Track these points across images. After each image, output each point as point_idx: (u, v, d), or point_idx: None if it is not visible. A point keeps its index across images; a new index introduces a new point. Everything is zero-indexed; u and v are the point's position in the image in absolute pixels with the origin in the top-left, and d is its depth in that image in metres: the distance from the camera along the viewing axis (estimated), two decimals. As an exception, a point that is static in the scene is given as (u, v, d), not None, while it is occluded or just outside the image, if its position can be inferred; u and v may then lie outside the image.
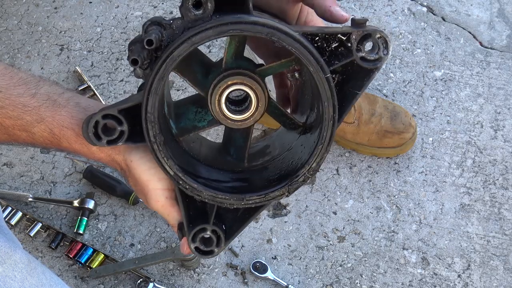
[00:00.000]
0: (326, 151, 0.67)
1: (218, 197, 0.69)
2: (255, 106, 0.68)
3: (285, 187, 0.69)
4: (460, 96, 1.60)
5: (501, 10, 1.77)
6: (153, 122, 0.67)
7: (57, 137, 0.73)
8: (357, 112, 1.43)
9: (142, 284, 1.33)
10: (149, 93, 0.66)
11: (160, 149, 0.68)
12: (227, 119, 0.69)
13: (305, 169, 0.68)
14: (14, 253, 0.80)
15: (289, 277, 1.35)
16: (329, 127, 0.66)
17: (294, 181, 0.69)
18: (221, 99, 0.68)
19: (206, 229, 0.71)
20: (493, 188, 1.46)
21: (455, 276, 1.36)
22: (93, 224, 1.41)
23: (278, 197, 0.70)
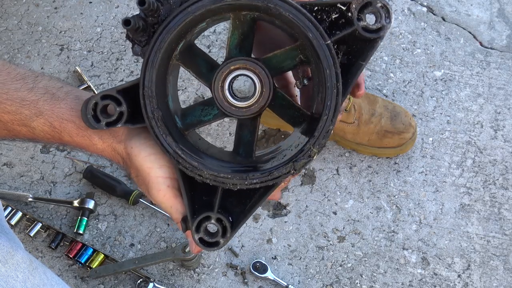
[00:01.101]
0: (331, 123, 0.64)
1: (220, 176, 0.66)
2: (259, 92, 0.67)
3: (290, 164, 0.66)
4: (460, 96, 1.60)
5: (501, 10, 1.77)
6: (150, 97, 0.65)
7: (58, 130, 0.72)
8: (357, 112, 1.43)
9: (142, 284, 1.33)
10: (146, 66, 0.65)
11: (159, 125, 0.66)
12: (231, 106, 0.68)
13: (310, 143, 0.65)
14: (16, 253, 0.80)
15: (289, 277, 1.35)
16: (333, 96, 0.64)
17: (299, 157, 0.66)
18: (224, 85, 0.67)
19: (211, 218, 0.67)
20: (493, 188, 1.46)
21: (455, 276, 1.36)
22: (93, 224, 1.41)
23: (284, 176, 0.66)
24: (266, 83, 0.67)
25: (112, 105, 0.67)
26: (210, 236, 0.68)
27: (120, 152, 0.72)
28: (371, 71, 1.64)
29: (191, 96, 1.58)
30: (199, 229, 0.67)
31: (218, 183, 0.67)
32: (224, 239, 0.67)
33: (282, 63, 0.70)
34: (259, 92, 0.67)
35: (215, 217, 0.67)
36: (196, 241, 0.68)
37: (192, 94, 1.58)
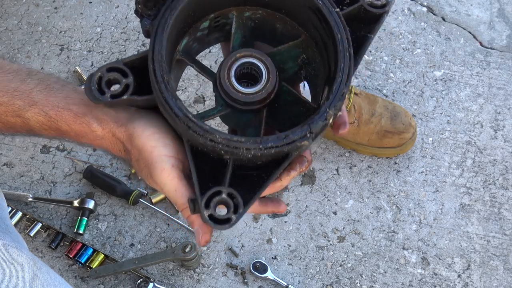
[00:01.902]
0: (345, 86, 0.63)
1: (233, 140, 0.61)
2: (266, 78, 0.66)
3: (306, 126, 0.62)
4: (460, 96, 1.60)
5: (501, 10, 1.77)
6: (160, 61, 0.64)
7: (54, 120, 0.69)
8: (357, 112, 1.43)
9: (142, 284, 1.33)
10: (157, 30, 0.64)
11: (168, 89, 0.63)
12: (238, 93, 0.66)
13: (326, 105, 0.63)
14: (21, 253, 0.80)
15: (289, 277, 1.35)
16: (346, 60, 0.64)
17: (315, 119, 0.62)
18: (231, 72, 0.66)
19: (221, 192, 0.62)
20: (493, 188, 1.46)
21: (455, 276, 1.36)
22: (93, 224, 1.41)
23: (300, 140, 0.62)
24: (272, 71, 0.66)
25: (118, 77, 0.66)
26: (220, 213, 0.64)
27: (120, 136, 0.69)
28: (371, 71, 1.64)
29: (191, 96, 1.58)
30: (209, 205, 0.63)
31: (231, 149, 0.62)
32: (236, 216, 0.63)
33: (285, 63, 0.70)
34: (266, 78, 0.66)
35: (227, 191, 0.63)
36: (205, 218, 0.63)
37: (192, 94, 1.57)
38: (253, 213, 1.39)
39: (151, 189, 1.45)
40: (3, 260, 0.78)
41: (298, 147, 0.62)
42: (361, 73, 1.64)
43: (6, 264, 0.78)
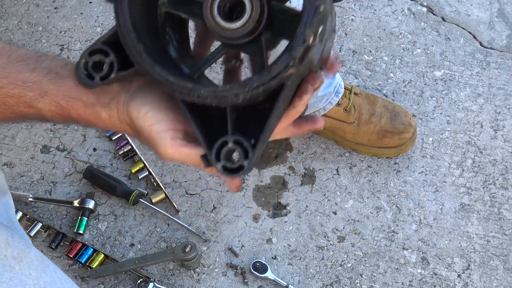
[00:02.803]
0: (319, 1, 0.58)
1: (219, 90, 0.60)
2: (249, 7, 0.61)
3: (286, 54, 0.59)
4: (460, 96, 1.60)
5: (501, 10, 1.77)
6: (128, 33, 0.63)
7: (66, 109, 0.70)
8: (357, 112, 1.43)
9: (142, 284, 1.33)
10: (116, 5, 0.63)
11: (143, 57, 0.63)
12: (226, 31, 0.62)
13: (300, 27, 0.58)
14: (29, 250, 0.80)
15: (289, 277, 1.35)
16: None
17: (293, 44, 0.59)
18: (213, 10, 0.62)
19: (227, 142, 0.62)
20: (493, 188, 1.46)
21: (455, 276, 1.36)
22: (93, 224, 1.41)
23: (285, 70, 0.59)
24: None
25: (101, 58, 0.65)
26: (233, 162, 0.62)
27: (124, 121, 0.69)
28: (371, 71, 1.64)
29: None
30: (219, 157, 0.62)
31: (220, 100, 0.61)
32: (248, 161, 0.61)
33: None
34: (250, 7, 0.61)
35: (232, 139, 0.62)
36: (220, 170, 0.62)
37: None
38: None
39: (151, 189, 1.45)
40: (12, 257, 0.78)
41: (287, 76, 0.60)
42: (361, 73, 1.64)
43: (16, 262, 0.78)
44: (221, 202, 1.44)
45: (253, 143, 0.62)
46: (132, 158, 1.49)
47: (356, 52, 1.68)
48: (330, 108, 1.40)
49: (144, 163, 1.46)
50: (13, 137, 1.53)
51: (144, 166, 1.46)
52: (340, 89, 1.40)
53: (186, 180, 1.47)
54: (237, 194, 1.45)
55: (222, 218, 1.42)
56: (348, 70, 1.64)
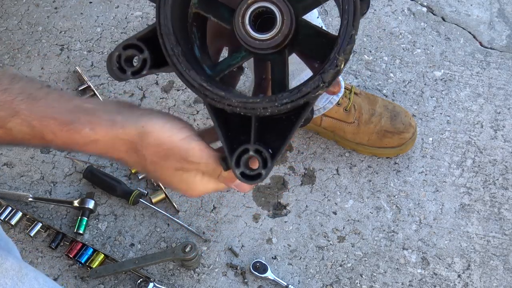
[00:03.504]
0: (353, 28, 0.61)
1: (249, 102, 0.63)
2: (280, 21, 0.65)
3: (317, 76, 0.62)
4: (460, 96, 1.60)
5: (501, 10, 1.77)
6: (168, 34, 0.64)
7: (38, 129, 0.66)
8: (357, 112, 1.43)
9: (142, 284, 1.33)
10: (159, 4, 0.64)
11: (180, 61, 0.64)
12: (255, 40, 0.65)
13: (335, 52, 0.62)
14: (5, 260, 0.80)
15: (289, 277, 1.35)
16: (350, 0, 0.61)
17: (325, 68, 0.62)
18: (245, 20, 0.65)
19: (249, 150, 0.65)
20: (493, 188, 1.46)
21: (455, 276, 1.36)
22: (93, 224, 1.41)
23: (314, 90, 0.63)
24: (286, 12, 0.64)
25: (135, 53, 0.66)
26: (251, 170, 0.66)
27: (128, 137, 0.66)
28: (371, 71, 1.64)
29: (191, 96, 1.58)
30: (239, 163, 0.65)
31: (248, 110, 0.64)
32: (266, 170, 0.65)
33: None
34: (280, 21, 0.65)
35: (253, 148, 0.65)
36: (238, 176, 0.65)
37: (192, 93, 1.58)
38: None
39: (151, 189, 1.45)
40: None
41: (314, 97, 0.63)
42: (361, 73, 1.64)
43: None
44: (221, 202, 1.44)
45: (271, 152, 0.65)
46: (132, 158, 1.49)
47: (356, 52, 1.68)
48: (330, 107, 1.40)
49: (144, 163, 1.46)
50: None
51: (144, 166, 1.46)
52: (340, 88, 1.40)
53: (186, 180, 1.46)
54: (237, 194, 1.45)
55: (222, 218, 1.42)
56: (348, 70, 1.64)
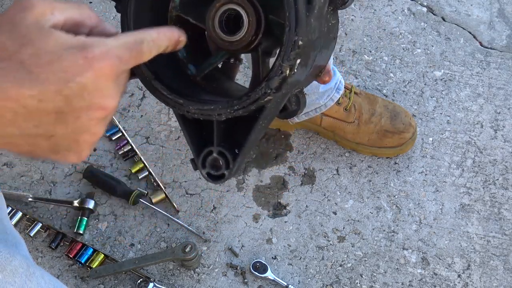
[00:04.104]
0: (296, 34, 0.61)
1: (204, 109, 0.66)
2: (247, 22, 0.65)
3: (264, 83, 0.64)
4: (460, 96, 1.60)
5: (501, 10, 1.77)
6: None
7: None
8: (357, 111, 1.43)
9: (142, 284, 1.33)
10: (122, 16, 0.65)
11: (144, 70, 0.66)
12: (225, 42, 0.67)
13: (279, 59, 0.62)
14: (14, 258, 0.80)
15: (289, 277, 1.35)
16: (290, 6, 0.61)
17: (271, 75, 0.63)
18: (215, 22, 0.66)
19: (212, 152, 0.68)
20: (493, 188, 1.46)
21: (455, 276, 1.36)
22: (93, 224, 1.41)
23: (263, 97, 0.64)
24: (251, 13, 0.65)
25: None
26: (216, 170, 0.68)
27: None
28: (371, 71, 1.64)
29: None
30: (205, 164, 0.68)
31: (206, 116, 0.67)
32: (228, 171, 0.68)
33: None
34: (247, 23, 0.65)
35: (216, 150, 0.68)
36: (205, 177, 0.68)
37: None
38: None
39: (151, 189, 1.45)
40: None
41: (266, 101, 0.65)
42: (361, 73, 1.64)
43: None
44: (221, 202, 1.44)
45: (237, 152, 0.67)
46: (132, 158, 1.49)
47: (356, 52, 1.68)
48: (331, 104, 1.40)
49: (144, 163, 1.46)
50: None
51: (144, 166, 1.46)
52: (340, 85, 1.40)
53: (186, 180, 1.47)
54: (237, 194, 1.45)
55: (222, 218, 1.42)
56: (348, 70, 1.64)
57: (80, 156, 0.49)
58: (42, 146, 0.47)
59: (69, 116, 0.45)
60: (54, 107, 0.44)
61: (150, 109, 1.57)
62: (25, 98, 0.42)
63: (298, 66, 0.63)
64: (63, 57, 0.43)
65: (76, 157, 0.49)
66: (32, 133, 0.45)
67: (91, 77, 0.44)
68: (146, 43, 0.51)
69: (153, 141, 1.53)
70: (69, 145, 0.48)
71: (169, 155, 1.50)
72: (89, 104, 0.45)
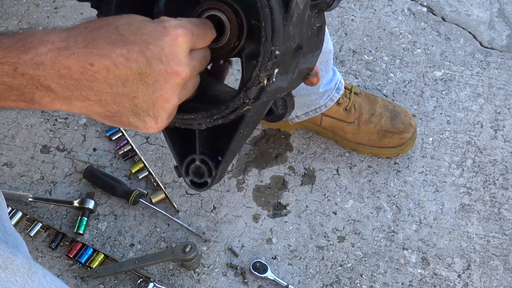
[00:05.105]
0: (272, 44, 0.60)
1: (184, 118, 0.66)
2: (228, 29, 0.65)
3: (241, 93, 0.63)
4: (460, 96, 1.60)
5: (501, 10, 1.77)
6: None
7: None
8: (357, 111, 1.43)
9: (142, 284, 1.33)
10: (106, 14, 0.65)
11: None
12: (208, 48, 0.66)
13: (256, 69, 0.62)
14: (16, 258, 0.81)
15: (289, 277, 1.35)
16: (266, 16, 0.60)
17: (248, 85, 0.63)
18: None
19: (195, 160, 0.68)
20: (493, 188, 1.46)
21: (455, 276, 1.36)
22: (93, 224, 1.41)
23: (242, 106, 0.64)
24: (233, 19, 0.65)
25: None
26: (199, 177, 0.69)
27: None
28: (371, 71, 1.64)
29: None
30: (188, 172, 0.69)
31: (187, 125, 0.67)
32: (211, 178, 0.68)
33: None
34: (229, 30, 0.65)
35: (199, 158, 0.68)
36: (188, 184, 0.69)
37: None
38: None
39: (151, 189, 1.45)
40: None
41: (245, 111, 0.65)
42: (361, 73, 1.64)
43: (1, 270, 0.78)
44: (221, 202, 1.44)
45: (220, 159, 0.67)
46: (132, 158, 1.49)
47: (356, 52, 1.68)
48: (331, 104, 1.40)
49: (144, 163, 1.46)
50: (13, 137, 1.53)
51: (144, 166, 1.47)
52: (340, 85, 1.40)
53: (186, 180, 1.46)
54: (237, 194, 1.45)
55: (222, 218, 1.42)
56: (348, 70, 1.64)
57: (157, 122, 0.56)
58: (126, 107, 0.54)
59: (149, 77, 0.52)
60: (137, 67, 0.51)
61: (150, 109, 1.57)
62: (117, 56, 0.51)
63: (277, 75, 0.62)
64: (148, 26, 0.53)
65: (154, 121, 0.56)
66: (120, 92, 0.53)
67: (168, 41, 0.52)
68: (208, 25, 0.59)
69: (153, 141, 1.53)
70: (147, 108, 0.54)
71: (169, 155, 1.50)
72: (165, 68, 0.52)
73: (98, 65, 0.51)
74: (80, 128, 1.55)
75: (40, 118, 1.57)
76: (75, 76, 0.51)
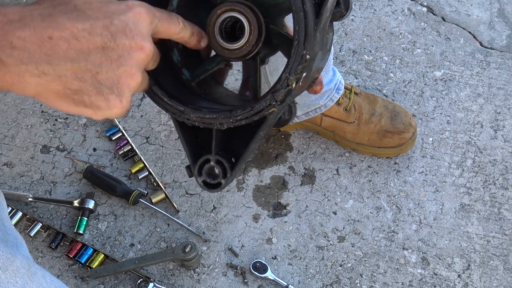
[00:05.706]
0: (304, 48, 0.61)
1: (206, 117, 0.66)
2: (248, 31, 0.65)
3: (269, 95, 0.64)
4: (460, 96, 1.60)
5: (501, 10, 1.77)
6: None
7: None
8: (357, 111, 1.43)
9: (142, 284, 1.33)
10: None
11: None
12: (224, 50, 0.67)
13: (286, 72, 0.63)
14: (15, 259, 0.80)
15: (289, 277, 1.35)
16: (300, 20, 0.61)
17: (277, 87, 0.64)
18: (215, 30, 0.66)
19: (210, 160, 0.68)
20: (493, 188, 1.46)
21: (455, 276, 1.36)
22: (93, 224, 1.41)
23: (267, 108, 0.64)
24: (253, 22, 0.65)
25: None
26: (213, 178, 0.68)
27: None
28: (371, 71, 1.64)
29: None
30: (201, 172, 0.68)
31: (207, 125, 0.66)
32: (225, 180, 0.68)
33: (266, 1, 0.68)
34: (248, 31, 0.65)
35: (214, 158, 0.68)
36: (200, 185, 0.68)
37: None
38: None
39: (151, 189, 1.45)
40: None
41: (268, 113, 0.65)
42: (361, 73, 1.64)
43: (1, 272, 0.78)
44: (221, 202, 1.44)
45: (234, 161, 0.67)
46: (132, 158, 1.49)
47: (356, 52, 1.68)
48: (331, 105, 1.40)
49: (144, 163, 1.46)
50: (13, 137, 1.53)
51: (144, 166, 1.46)
52: (340, 86, 1.40)
53: (186, 180, 1.47)
54: (237, 194, 1.45)
55: (222, 218, 1.42)
56: (348, 70, 1.64)
57: (121, 101, 0.53)
58: (88, 83, 0.51)
59: (114, 52, 0.51)
60: (101, 41, 0.50)
61: (150, 109, 1.57)
62: (78, 30, 0.49)
63: (303, 79, 0.63)
64: (110, 4, 0.52)
65: (118, 100, 0.53)
66: (82, 66, 0.50)
67: (132, 17, 0.51)
68: (176, 16, 0.58)
69: (153, 141, 1.53)
70: (111, 85, 0.52)
71: (169, 155, 1.50)
72: (130, 42, 0.51)
73: (57, 38, 0.49)
74: (80, 128, 1.55)
75: (40, 118, 1.57)
76: (30, 48, 0.48)
